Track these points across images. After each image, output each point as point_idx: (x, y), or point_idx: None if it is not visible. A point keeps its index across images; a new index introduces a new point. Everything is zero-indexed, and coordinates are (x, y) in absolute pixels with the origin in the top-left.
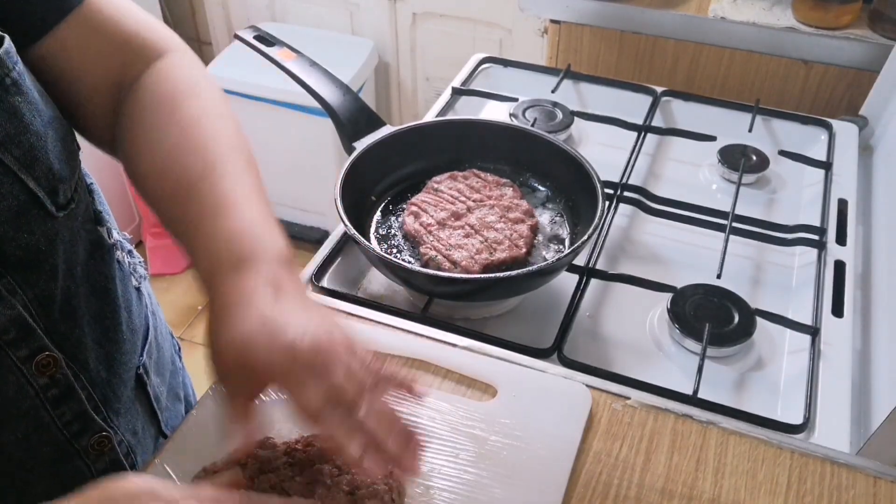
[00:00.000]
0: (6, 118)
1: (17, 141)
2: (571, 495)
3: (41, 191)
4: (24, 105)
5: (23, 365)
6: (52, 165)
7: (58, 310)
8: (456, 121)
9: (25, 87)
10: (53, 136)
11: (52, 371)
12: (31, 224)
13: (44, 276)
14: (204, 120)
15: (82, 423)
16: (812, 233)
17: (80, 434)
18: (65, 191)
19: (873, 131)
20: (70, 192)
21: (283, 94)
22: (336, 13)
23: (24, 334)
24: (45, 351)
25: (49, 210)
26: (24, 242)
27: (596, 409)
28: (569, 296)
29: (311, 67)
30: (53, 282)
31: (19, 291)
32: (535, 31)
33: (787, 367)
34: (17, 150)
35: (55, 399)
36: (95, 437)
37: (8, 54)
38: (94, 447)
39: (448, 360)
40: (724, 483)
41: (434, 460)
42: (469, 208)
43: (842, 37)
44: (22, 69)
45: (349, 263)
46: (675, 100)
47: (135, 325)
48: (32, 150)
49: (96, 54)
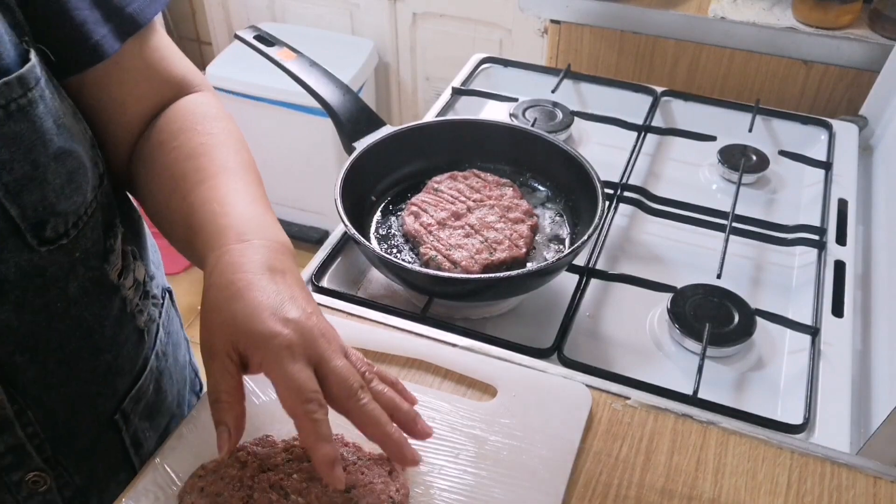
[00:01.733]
0: (2, 143)
1: (9, 168)
2: (571, 495)
3: (24, 222)
4: (28, 133)
5: None
6: (45, 197)
7: (14, 342)
8: (456, 121)
9: (35, 114)
10: (57, 169)
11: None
12: (4, 252)
13: (6, 306)
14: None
15: (17, 457)
16: (812, 233)
17: (13, 468)
18: (56, 225)
19: (873, 131)
20: (64, 227)
21: (283, 94)
22: (336, 13)
23: None
24: None
25: (28, 242)
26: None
27: (596, 409)
28: (569, 296)
29: (311, 67)
30: (16, 314)
31: None
32: (535, 31)
33: (787, 367)
34: (7, 176)
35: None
36: (31, 475)
37: (22, 79)
38: (27, 485)
39: (448, 360)
40: (724, 483)
41: (434, 460)
42: (469, 208)
43: (842, 37)
44: (40, 95)
45: (349, 263)
46: (675, 100)
47: (121, 369)
48: (23, 180)
49: (142, 90)
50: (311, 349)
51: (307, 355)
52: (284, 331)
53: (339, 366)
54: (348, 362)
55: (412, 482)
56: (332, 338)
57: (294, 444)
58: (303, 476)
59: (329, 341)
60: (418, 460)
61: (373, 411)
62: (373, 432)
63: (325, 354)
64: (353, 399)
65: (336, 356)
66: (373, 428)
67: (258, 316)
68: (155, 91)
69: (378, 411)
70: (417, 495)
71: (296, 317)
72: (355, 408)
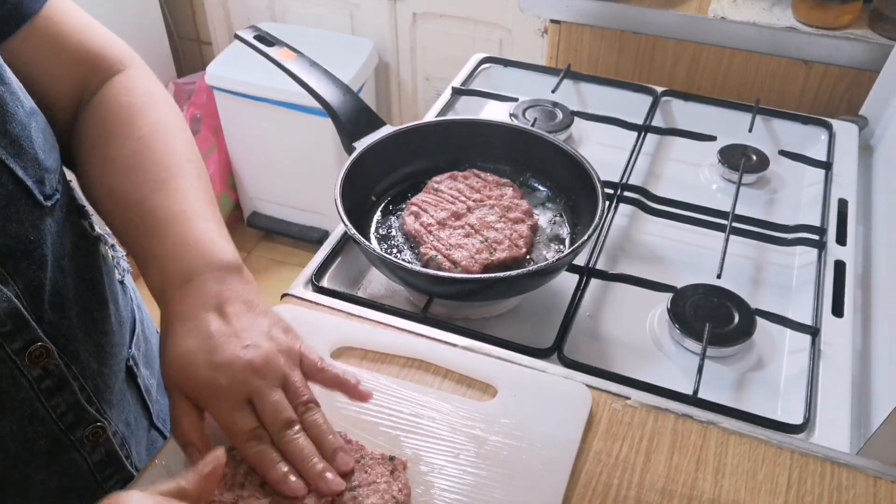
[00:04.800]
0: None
1: (3, 130)
2: (571, 495)
3: (29, 180)
4: (7, 95)
5: (16, 356)
6: (37, 155)
7: (48, 300)
8: (456, 121)
9: (7, 77)
10: (36, 127)
11: (44, 362)
12: (20, 213)
13: (33, 266)
14: (159, 133)
15: (76, 413)
16: (812, 233)
17: (75, 425)
18: (50, 181)
19: (873, 131)
20: (55, 183)
21: (283, 94)
22: (336, 13)
23: (19, 325)
24: (38, 342)
25: (37, 199)
26: (13, 232)
27: (596, 409)
28: (569, 296)
29: (311, 67)
30: (42, 272)
31: (11, 282)
32: (535, 31)
33: (787, 367)
34: (4, 139)
35: (49, 390)
36: (90, 428)
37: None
38: (89, 438)
39: (448, 360)
40: (724, 483)
41: (434, 460)
42: (469, 208)
43: (842, 37)
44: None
45: (349, 263)
46: (675, 100)
47: (122, 318)
48: (18, 140)
49: (55, 66)
50: (245, 387)
51: (243, 393)
52: (217, 378)
53: (271, 402)
54: (281, 395)
55: (413, 482)
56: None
57: None
58: None
59: (263, 376)
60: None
61: (297, 446)
62: (296, 465)
63: (258, 391)
64: (281, 434)
65: (269, 392)
66: (296, 462)
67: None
68: (70, 69)
69: (302, 445)
70: (418, 495)
71: (226, 360)
72: (282, 442)
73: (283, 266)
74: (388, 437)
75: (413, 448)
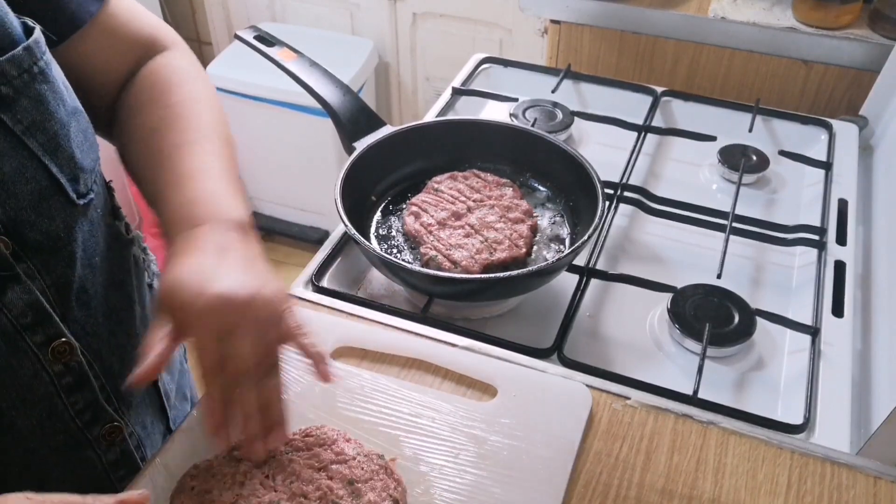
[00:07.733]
0: (33, 105)
1: (42, 127)
2: (571, 495)
3: (63, 177)
4: (50, 94)
5: (38, 350)
6: (73, 154)
7: (74, 297)
8: (456, 121)
9: (51, 76)
10: (76, 127)
11: (67, 358)
12: (52, 210)
13: (62, 262)
14: (191, 103)
15: (94, 412)
16: (812, 233)
17: (92, 423)
18: (85, 180)
19: (873, 131)
20: (90, 183)
21: (283, 94)
22: (336, 13)
23: (41, 319)
24: (61, 337)
25: (70, 197)
26: (44, 228)
27: (596, 409)
28: (569, 296)
29: (311, 67)
30: (71, 269)
31: (38, 277)
32: (535, 31)
33: (787, 367)
34: (42, 136)
35: (69, 387)
36: (107, 427)
37: (37, 44)
38: (105, 437)
39: (448, 360)
40: (724, 483)
41: (434, 460)
42: (469, 208)
43: (842, 37)
44: (49, 59)
45: (349, 263)
46: (675, 100)
47: (147, 321)
48: (56, 138)
49: (115, 54)
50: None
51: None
52: (197, 302)
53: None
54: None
55: (413, 482)
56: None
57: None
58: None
59: (242, 315)
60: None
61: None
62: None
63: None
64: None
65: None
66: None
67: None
68: (125, 55)
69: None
70: (417, 495)
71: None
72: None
73: (283, 266)
74: (387, 437)
75: (413, 448)
